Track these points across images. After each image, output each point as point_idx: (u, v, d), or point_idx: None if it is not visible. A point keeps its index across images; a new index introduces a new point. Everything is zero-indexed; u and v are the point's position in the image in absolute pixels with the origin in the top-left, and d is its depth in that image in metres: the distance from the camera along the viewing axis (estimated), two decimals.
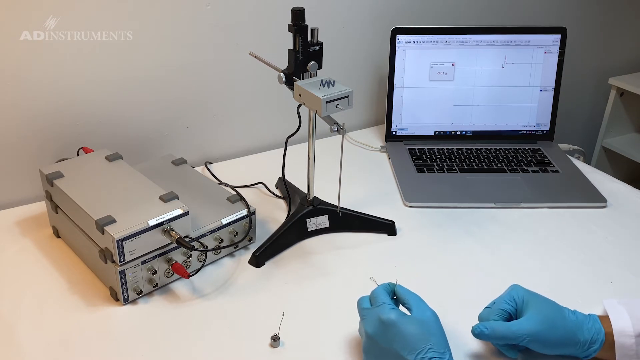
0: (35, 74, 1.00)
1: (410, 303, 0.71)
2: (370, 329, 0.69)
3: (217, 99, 1.21)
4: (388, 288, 0.74)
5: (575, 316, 0.73)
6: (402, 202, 1.11)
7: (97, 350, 0.75)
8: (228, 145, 1.26)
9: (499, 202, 1.10)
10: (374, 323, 0.69)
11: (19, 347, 0.75)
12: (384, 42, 1.26)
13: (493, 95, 1.30)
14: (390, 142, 1.32)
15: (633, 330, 0.70)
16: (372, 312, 0.70)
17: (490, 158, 1.25)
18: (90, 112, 1.07)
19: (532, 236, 1.02)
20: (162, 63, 1.11)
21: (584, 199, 1.12)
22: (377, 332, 0.68)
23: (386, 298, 0.71)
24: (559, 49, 1.27)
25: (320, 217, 0.99)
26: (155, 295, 0.85)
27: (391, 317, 0.68)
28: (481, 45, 1.27)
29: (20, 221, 1.01)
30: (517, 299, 0.74)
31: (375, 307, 0.70)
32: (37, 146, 1.05)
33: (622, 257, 0.97)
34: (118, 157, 0.96)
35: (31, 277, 0.88)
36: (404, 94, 1.29)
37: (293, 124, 0.92)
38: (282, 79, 0.87)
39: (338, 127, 0.81)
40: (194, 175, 1.04)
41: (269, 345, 0.76)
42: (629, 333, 0.70)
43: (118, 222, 0.80)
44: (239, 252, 0.95)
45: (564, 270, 0.94)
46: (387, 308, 0.69)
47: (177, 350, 0.76)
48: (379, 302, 0.70)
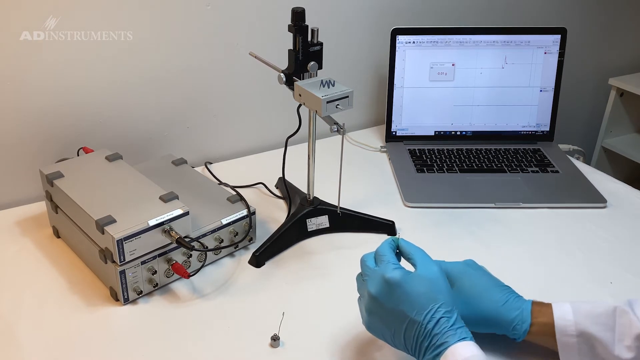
0: (35, 74, 1.00)
1: (414, 258, 0.68)
2: (374, 290, 0.66)
3: (217, 99, 1.21)
4: (392, 244, 0.70)
5: (505, 294, 0.72)
6: (402, 202, 1.11)
7: (97, 350, 0.75)
8: (228, 145, 1.26)
9: (499, 202, 1.10)
10: (378, 283, 0.65)
11: (19, 347, 0.75)
12: (384, 42, 1.26)
13: (493, 95, 1.30)
14: (390, 142, 1.32)
15: (575, 328, 0.69)
16: (376, 272, 0.66)
17: (490, 158, 1.25)
18: (90, 112, 1.07)
19: (532, 236, 1.02)
20: (162, 63, 1.11)
21: (583, 199, 1.12)
22: (381, 293, 0.65)
23: (391, 255, 0.68)
24: (559, 49, 1.27)
25: (320, 217, 0.99)
26: (155, 295, 0.85)
27: (395, 276, 0.64)
28: (481, 46, 1.27)
29: (20, 221, 1.01)
30: (451, 270, 0.74)
31: (379, 266, 0.67)
32: (37, 146, 1.05)
33: (622, 257, 0.97)
34: (118, 157, 0.96)
35: (31, 277, 0.88)
36: (404, 94, 1.29)
37: (293, 124, 0.92)
38: (282, 79, 0.87)
39: (338, 127, 0.81)
40: (194, 175, 1.04)
41: (269, 345, 0.76)
42: (571, 332, 0.69)
43: (118, 222, 0.80)
44: (239, 252, 0.95)
45: (564, 270, 0.94)
46: (390, 267, 0.66)
47: (177, 350, 0.76)
48: (383, 260, 0.67)
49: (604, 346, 0.67)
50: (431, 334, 0.62)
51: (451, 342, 0.61)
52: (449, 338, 0.62)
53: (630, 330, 0.67)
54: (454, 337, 0.62)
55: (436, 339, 0.62)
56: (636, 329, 0.67)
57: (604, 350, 0.67)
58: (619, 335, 0.67)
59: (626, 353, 0.66)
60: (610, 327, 0.68)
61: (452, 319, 0.63)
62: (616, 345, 0.67)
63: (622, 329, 0.67)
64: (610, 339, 0.67)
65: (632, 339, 0.66)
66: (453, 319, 0.63)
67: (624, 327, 0.67)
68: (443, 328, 0.62)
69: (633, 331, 0.67)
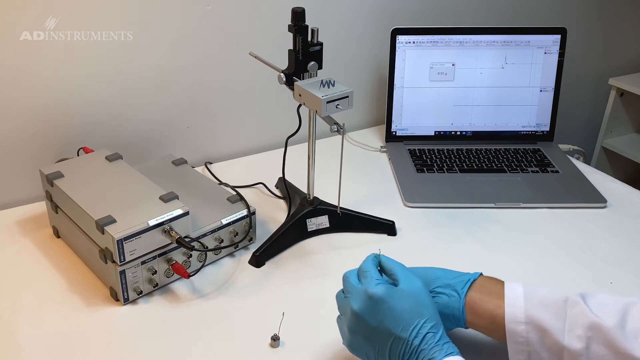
0: (35, 74, 1.00)
1: (396, 274, 0.67)
2: (357, 306, 0.64)
3: (217, 99, 1.21)
4: (375, 260, 0.69)
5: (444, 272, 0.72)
6: (402, 202, 1.11)
7: (97, 350, 0.75)
8: (228, 145, 1.26)
9: (499, 202, 1.10)
10: (361, 299, 0.64)
11: (19, 347, 0.75)
12: (384, 42, 1.26)
13: (493, 95, 1.30)
14: (390, 142, 1.32)
15: (524, 316, 0.66)
16: (358, 288, 0.65)
17: (490, 158, 1.25)
18: (90, 112, 1.07)
19: (532, 236, 1.02)
20: (163, 63, 1.11)
21: (583, 199, 1.12)
22: (365, 310, 0.64)
23: (374, 271, 0.67)
24: (559, 49, 1.27)
25: (320, 217, 0.99)
26: (155, 295, 0.85)
27: (379, 291, 0.63)
28: (481, 46, 1.27)
29: (20, 221, 1.01)
30: None
31: (362, 282, 0.66)
32: (37, 146, 1.05)
33: (622, 257, 0.97)
34: (118, 157, 0.96)
35: (31, 277, 0.88)
36: (404, 94, 1.29)
37: (293, 124, 0.92)
38: (282, 79, 0.87)
39: (338, 127, 0.81)
40: (194, 175, 1.04)
41: (269, 345, 0.76)
42: (520, 319, 0.66)
43: (118, 222, 0.80)
44: (239, 252, 0.95)
45: (564, 271, 0.94)
46: (374, 282, 0.64)
47: (177, 350, 0.76)
48: (366, 276, 0.66)
49: (552, 335, 0.65)
50: (418, 350, 0.62)
51: (438, 357, 0.61)
52: (436, 354, 0.61)
53: (582, 319, 0.65)
54: (441, 353, 0.61)
55: (423, 355, 0.61)
56: (588, 318, 0.65)
57: (552, 340, 0.65)
58: (569, 324, 0.65)
59: (576, 343, 0.64)
60: (561, 317, 0.66)
61: (438, 335, 0.63)
62: (566, 335, 0.65)
63: (573, 318, 0.65)
64: (559, 328, 0.65)
65: (584, 329, 0.64)
66: (439, 334, 0.63)
67: (575, 316, 0.65)
68: (430, 344, 0.62)
69: (585, 320, 0.65)
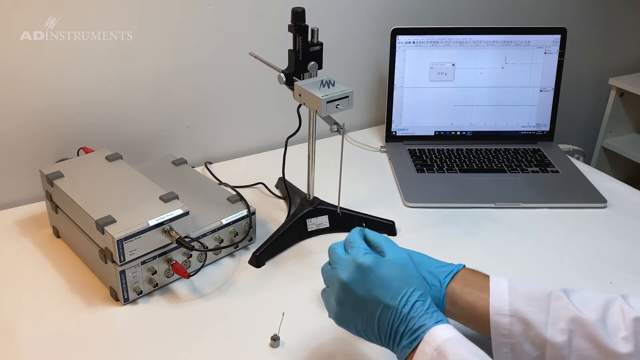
0: (35, 74, 1.00)
1: (382, 246, 0.67)
2: (345, 276, 0.63)
3: (217, 99, 1.21)
4: (361, 232, 0.69)
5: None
6: (402, 202, 1.11)
7: (97, 350, 0.75)
8: (228, 145, 1.26)
9: (499, 202, 1.10)
10: (350, 269, 0.63)
11: (19, 347, 0.75)
12: (384, 42, 1.26)
13: (493, 95, 1.30)
14: (390, 142, 1.32)
15: (509, 308, 0.67)
16: (346, 259, 0.65)
17: (490, 158, 1.25)
18: (90, 112, 1.07)
19: (532, 236, 1.02)
20: (162, 63, 1.11)
21: (583, 199, 1.12)
22: (353, 279, 0.63)
23: (361, 242, 0.66)
24: (559, 49, 1.27)
25: (320, 217, 0.99)
26: (155, 295, 0.85)
27: (368, 260, 0.63)
28: (481, 46, 1.27)
29: (20, 221, 1.01)
30: None
31: (349, 253, 0.65)
32: (37, 146, 1.05)
33: (622, 257, 0.97)
34: (118, 157, 0.96)
35: (31, 277, 0.88)
36: (404, 94, 1.29)
37: (293, 124, 0.92)
38: (282, 79, 0.87)
39: (338, 127, 0.81)
40: (194, 175, 1.04)
41: (269, 345, 0.76)
42: (505, 312, 0.67)
43: (118, 222, 0.80)
44: (239, 252, 0.95)
45: (564, 270, 0.94)
46: (361, 252, 0.64)
47: (177, 350, 0.76)
48: (354, 247, 0.65)
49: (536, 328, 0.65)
50: (407, 318, 0.61)
51: (428, 325, 0.61)
52: (425, 321, 0.61)
53: (565, 313, 0.65)
54: (431, 320, 0.61)
55: (412, 322, 0.61)
56: (570, 312, 0.65)
57: (536, 332, 0.65)
58: (552, 318, 0.65)
59: (559, 336, 0.64)
60: (544, 310, 0.66)
61: (427, 303, 0.63)
62: (549, 328, 0.65)
63: (556, 312, 0.66)
64: (543, 321, 0.65)
65: (567, 322, 0.65)
66: (427, 302, 0.63)
67: (558, 310, 0.66)
68: (419, 312, 0.62)
69: (567, 314, 0.65)
